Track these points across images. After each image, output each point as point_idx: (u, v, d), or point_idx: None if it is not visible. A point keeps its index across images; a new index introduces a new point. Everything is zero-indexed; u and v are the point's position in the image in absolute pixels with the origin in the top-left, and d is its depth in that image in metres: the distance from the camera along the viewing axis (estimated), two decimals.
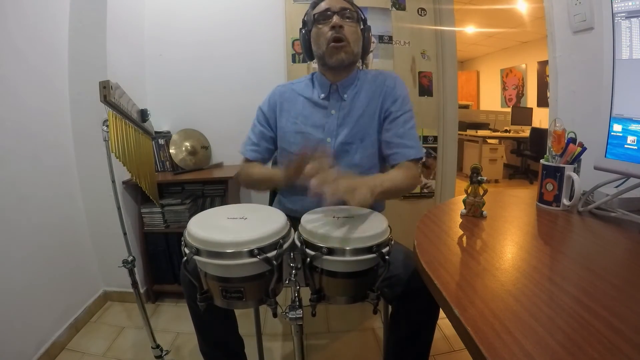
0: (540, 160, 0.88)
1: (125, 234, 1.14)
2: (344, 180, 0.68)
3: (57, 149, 1.49)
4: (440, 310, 0.49)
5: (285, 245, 0.68)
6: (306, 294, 0.70)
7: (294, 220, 0.77)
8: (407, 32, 1.97)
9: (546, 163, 0.86)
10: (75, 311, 1.53)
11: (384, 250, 0.67)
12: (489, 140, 4.76)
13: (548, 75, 1.32)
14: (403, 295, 0.79)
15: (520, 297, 0.45)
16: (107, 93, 0.92)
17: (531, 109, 5.09)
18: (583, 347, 0.35)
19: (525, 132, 4.79)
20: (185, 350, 1.40)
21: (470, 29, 4.78)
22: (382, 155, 1.02)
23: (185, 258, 0.66)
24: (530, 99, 5.32)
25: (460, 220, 0.78)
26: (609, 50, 0.74)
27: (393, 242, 0.72)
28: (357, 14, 0.99)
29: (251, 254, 0.63)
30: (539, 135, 4.20)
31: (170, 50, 1.93)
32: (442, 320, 0.57)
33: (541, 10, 1.32)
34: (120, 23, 1.64)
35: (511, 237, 0.70)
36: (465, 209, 0.80)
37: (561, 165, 0.82)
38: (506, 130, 5.09)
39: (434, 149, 2.07)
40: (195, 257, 0.65)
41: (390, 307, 0.86)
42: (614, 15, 0.73)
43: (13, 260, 1.22)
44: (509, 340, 0.37)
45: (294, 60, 1.93)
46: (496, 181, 4.63)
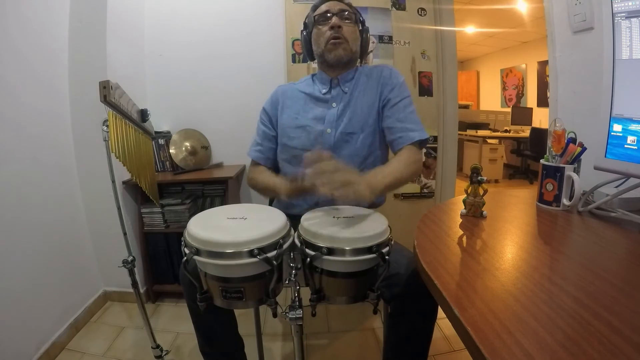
0: (540, 160, 0.88)
1: (125, 234, 1.14)
2: (344, 175, 0.69)
3: (57, 149, 1.49)
4: (440, 310, 0.49)
5: (285, 245, 0.68)
6: (306, 294, 0.70)
7: (294, 220, 0.77)
8: (407, 32, 1.97)
9: (546, 163, 0.86)
10: (75, 311, 1.53)
11: (384, 250, 0.67)
12: (489, 140, 4.76)
13: (548, 75, 1.32)
14: (403, 295, 0.79)
15: (520, 297, 0.45)
16: (107, 93, 0.92)
17: (531, 109, 5.09)
18: (583, 347, 0.35)
19: (525, 132, 4.79)
20: (185, 350, 1.40)
21: (470, 29, 4.78)
22: (384, 144, 1.04)
23: (185, 258, 0.66)
24: (530, 99, 5.32)
25: (460, 220, 0.78)
26: (609, 50, 0.74)
27: (393, 242, 0.72)
28: (356, 16, 1.03)
29: (251, 254, 0.63)
30: (539, 135, 4.20)
31: (170, 50, 1.93)
32: (442, 320, 0.57)
33: (541, 10, 1.32)
34: (120, 23, 1.64)
35: (511, 237, 0.70)
36: (465, 209, 0.80)
37: (561, 165, 0.82)
38: (506, 130, 5.10)
39: (434, 149, 2.07)
40: (195, 257, 0.65)
41: (389, 307, 0.86)
42: (614, 15, 0.73)
43: (13, 260, 1.22)
44: (509, 340, 0.37)
45: (294, 61, 1.93)
46: (496, 181, 4.63)
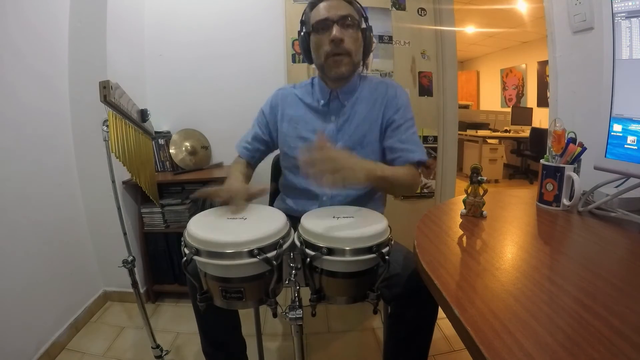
0: (540, 160, 0.88)
1: (125, 234, 1.14)
2: (333, 163, 0.70)
3: (57, 149, 1.49)
4: (440, 310, 0.49)
5: (285, 246, 0.68)
6: (306, 294, 0.70)
7: (294, 220, 0.77)
8: (407, 32, 1.97)
9: (546, 163, 0.86)
10: (75, 311, 1.53)
11: (384, 250, 0.67)
12: (489, 140, 4.76)
13: (548, 75, 1.32)
14: (403, 295, 0.79)
15: (520, 297, 0.45)
16: (107, 93, 0.92)
17: (531, 109, 5.09)
18: (583, 347, 0.35)
19: (525, 132, 4.79)
20: (185, 350, 1.40)
21: (470, 29, 4.78)
22: (383, 161, 1.01)
23: (185, 258, 0.66)
24: (530, 99, 5.32)
25: (460, 220, 0.78)
26: (609, 50, 0.74)
27: (393, 242, 0.72)
28: (358, 20, 0.94)
29: (251, 254, 0.63)
30: (539, 135, 4.20)
31: (171, 50, 1.93)
32: (442, 320, 0.57)
33: (541, 10, 1.32)
34: (120, 23, 1.63)
35: (511, 237, 0.70)
36: (465, 209, 0.80)
37: (561, 165, 0.82)
38: (506, 130, 5.10)
39: (434, 149, 2.07)
40: (195, 258, 0.65)
41: (389, 307, 0.86)
42: (614, 15, 0.73)
43: (13, 260, 1.22)
44: (509, 340, 0.37)
45: (294, 60, 1.93)
46: (496, 181, 4.63)
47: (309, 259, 0.66)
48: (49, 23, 1.42)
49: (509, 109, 5.38)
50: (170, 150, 1.86)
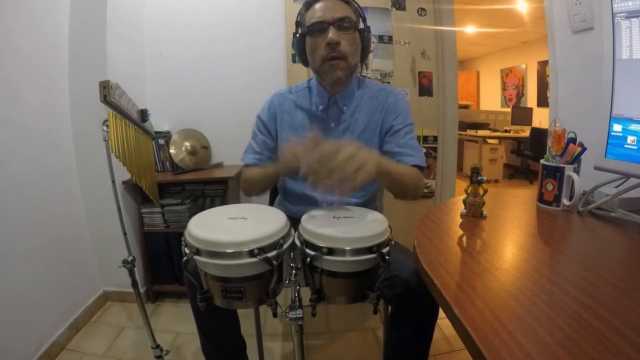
0: (540, 160, 0.88)
1: (125, 234, 1.14)
2: (341, 170, 0.66)
3: (57, 149, 1.49)
4: (440, 310, 0.49)
5: (285, 245, 0.68)
6: (306, 294, 0.70)
7: (294, 220, 0.77)
8: (407, 32, 1.97)
9: (546, 163, 0.86)
10: (75, 311, 1.53)
11: (384, 251, 0.66)
12: (489, 140, 4.76)
13: (548, 75, 1.32)
14: (403, 295, 0.79)
15: (520, 297, 0.45)
16: (107, 93, 0.92)
17: (531, 109, 5.10)
18: (583, 347, 0.35)
19: (525, 132, 4.79)
20: (185, 350, 1.40)
21: (470, 29, 4.78)
22: None
23: (185, 258, 0.66)
24: (530, 99, 5.32)
25: (460, 220, 0.78)
26: (609, 50, 0.74)
27: (393, 242, 0.72)
28: (355, 21, 0.92)
29: (251, 254, 0.63)
30: (539, 135, 4.21)
31: (171, 50, 1.93)
32: (442, 320, 0.57)
33: (541, 10, 1.33)
34: (120, 23, 1.64)
35: (511, 237, 0.70)
36: (465, 209, 0.80)
37: (561, 165, 0.82)
38: (506, 130, 5.10)
39: (434, 149, 2.07)
40: (195, 257, 0.65)
41: (390, 307, 0.86)
42: (614, 15, 0.73)
43: (13, 260, 1.22)
44: (509, 340, 0.37)
45: (294, 60, 1.93)
46: (496, 181, 4.63)
47: (309, 259, 0.66)
48: (49, 23, 1.42)
49: (509, 109, 5.39)
50: (170, 150, 1.86)
